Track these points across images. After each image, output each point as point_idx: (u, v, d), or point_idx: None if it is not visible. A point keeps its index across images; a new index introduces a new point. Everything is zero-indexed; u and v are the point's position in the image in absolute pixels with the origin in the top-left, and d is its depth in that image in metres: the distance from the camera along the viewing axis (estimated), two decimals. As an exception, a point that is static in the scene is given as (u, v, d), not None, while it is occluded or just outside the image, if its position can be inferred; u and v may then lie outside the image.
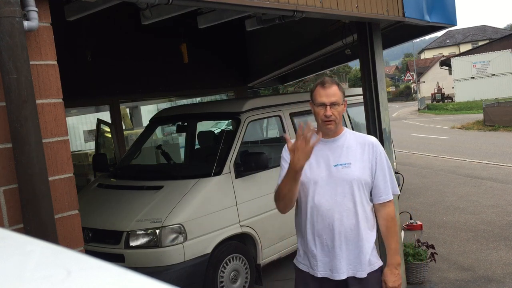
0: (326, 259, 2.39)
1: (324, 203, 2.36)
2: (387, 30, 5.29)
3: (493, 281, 4.63)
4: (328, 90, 2.35)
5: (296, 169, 2.16)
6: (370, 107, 4.40)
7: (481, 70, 37.86)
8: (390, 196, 2.44)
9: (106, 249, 4.10)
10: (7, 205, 1.89)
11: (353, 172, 2.35)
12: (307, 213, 2.41)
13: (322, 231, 2.37)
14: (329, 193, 2.35)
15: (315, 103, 2.38)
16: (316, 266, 2.41)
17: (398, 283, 2.40)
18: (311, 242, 2.41)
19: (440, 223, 6.75)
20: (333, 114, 2.32)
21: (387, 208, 2.44)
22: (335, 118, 2.33)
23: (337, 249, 2.36)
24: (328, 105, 2.32)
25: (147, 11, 3.41)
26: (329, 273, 2.39)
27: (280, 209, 2.41)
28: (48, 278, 0.60)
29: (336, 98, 2.34)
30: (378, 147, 2.43)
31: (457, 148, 14.62)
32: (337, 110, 2.34)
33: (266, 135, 6.71)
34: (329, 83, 2.38)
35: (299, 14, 3.25)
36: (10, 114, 1.84)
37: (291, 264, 2.72)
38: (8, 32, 1.80)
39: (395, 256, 2.43)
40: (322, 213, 2.36)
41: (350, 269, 2.38)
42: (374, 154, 2.40)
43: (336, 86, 2.38)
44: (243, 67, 9.24)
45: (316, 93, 2.38)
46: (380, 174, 2.41)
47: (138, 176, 5.00)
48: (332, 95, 2.34)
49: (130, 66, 7.21)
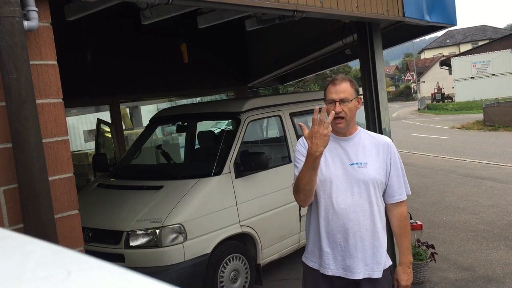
0: (338, 258, 2.38)
1: (340, 202, 2.34)
2: (387, 30, 5.29)
3: (493, 281, 4.63)
4: (338, 86, 2.33)
5: (316, 155, 2.14)
6: (370, 107, 4.40)
7: (481, 70, 37.86)
8: (404, 196, 2.45)
9: (106, 249, 4.10)
10: (7, 205, 1.89)
11: (370, 172, 2.35)
12: (322, 211, 2.39)
13: (337, 230, 2.36)
14: (345, 192, 2.34)
15: (326, 100, 2.37)
16: (328, 265, 2.40)
17: (411, 281, 2.42)
18: (323, 240, 2.40)
19: (440, 223, 6.75)
20: (343, 110, 2.30)
21: (401, 207, 2.45)
22: (344, 115, 2.31)
23: (351, 249, 2.35)
24: (338, 101, 2.30)
25: (147, 11, 3.41)
26: (341, 272, 2.38)
27: (301, 201, 2.36)
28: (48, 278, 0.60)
29: (346, 95, 2.31)
30: (392, 147, 2.44)
31: (457, 148, 14.62)
32: (347, 106, 2.31)
33: (266, 135, 6.70)
34: (340, 80, 2.36)
35: (299, 14, 3.25)
36: (10, 114, 1.84)
37: (291, 264, 2.72)
38: (8, 32, 1.80)
39: (408, 255, 2.44)
40: (338, 212, 2.35)
41: (367, 270, 2.37)
42: (389, 154, 2.41)
43: (347, 83, 2.36)
44: (243, 67, 9.24)
45: (327, 90, 2.37)
46: (394, 174, 2.41)
47: (138, 176, 5.00)
48: (341, 91, 2.32)
49: (130, 66, 7.21)
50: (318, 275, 2.45)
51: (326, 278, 2.43)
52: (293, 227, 4.98)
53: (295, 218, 4.96)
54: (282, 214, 4.77)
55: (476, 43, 52.56)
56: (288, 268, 5.07)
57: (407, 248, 2.44)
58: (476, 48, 42.42)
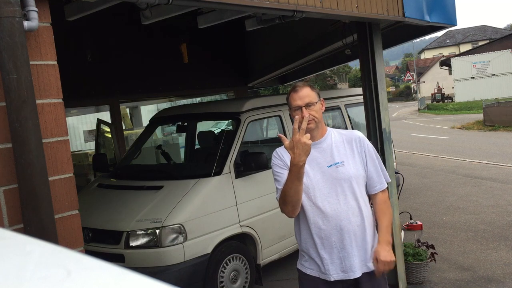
0: (337, 261, 2.39)
1: (327, 205, 2.36)
2: (387, 30, 5.29)
3: (493, 281, 4.63)
4: (301, 93, 2.39)
5: (299, 165, 2.16)
6: (370, 107, 4.40)
7: (481, 70, 37.86)
8: (385, 185, 2.49)
9: (106, 249, 4.10)
10: (7, 205, 1.89)
11: (348, 169, 2.38)
12: (311, 218, 2.40)
13: (330, 233, 2.37)
14: (330, 195, 2.37)
15: (291, 108, 2.43)
16: (328, 270, 2.40)
17: (390, 258, 2.37)
18: (319, 246, 2.41)
19: (440, 223, 6.75)
20: (310, 114, 2.35)
21: (382, 194, 2.50)
22: (313, 117, 2.36)
23: (348, 248, 2.37)
24: (304, 107, 2.36)
25: (147, 11, 3.41)
26: (342, 275, 2.39)
27: (289, 212, 2.38)
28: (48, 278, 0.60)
29: (310, 99, 2.38)
30: (364, 140, 2.48)
31: (457, 148, 14.62)
32: (314, 109, 2.37)
33: (266, 135, 6.70)
34: (300, 86, 2.43)
35: (299, 14, 3.25)
36: (10, 114, 1.84)
37: (291, 264, 2.72)
38: (8, 32, 1.80)
39: (386, 235, 2.43)
40: (328, 215, 2.36)
41: (363, 265, 2.41)
42: (363, 148, 2.44)
43: (308, 88, 2.43)
44: (243, 67, 9.24)
45: (290, 98, 2.43)
46: (371, 165, 2.45)
47: (138, 176, 5.00)
48: (305, 96, 2.38)
49: (130, 66, 7.21)
50: (319, 282, 2.45)
51: (327, 284, 2.43)
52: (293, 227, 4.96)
53: (295, 218, 4.96)
54: (282, 214, 4.75)
55: (476, 43, 52.58)
56: (288, 268, 5.06)
57: (386, 227, 2.44)
58: (476, 48, 42.44)
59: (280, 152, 2.46)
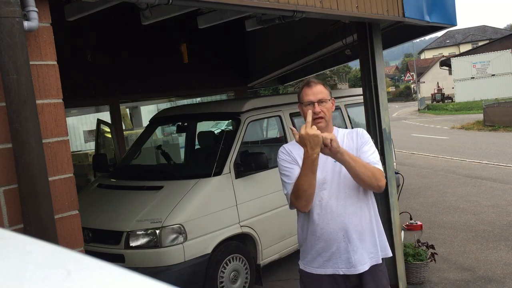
0: (345, 255, 2.39)
1: (334, 202, 2.37)
2: (387, 30, 5.29)
3: (493, 281, 4.63)
4: (314, 88, 2.41)
5: (313, 157, 2.16)
6: (370, 107, 4.40)
7: (481, 70, 37.86)
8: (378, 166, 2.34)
9: (106, 249, 4.10)
10: (7, 205, 1.89)
11: None
12: (317, 214, 2.40)
13: (338, 228, 2.38)
14: (336, 191, 2.38)
15: (303, 102, 2.43)
16: (337, 264, 2.40)
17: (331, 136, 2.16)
18: (325, 243, 2.41)
19: (440, 223, 6.75)
20: (322, 110, 2.37)
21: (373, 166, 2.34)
22: (324, 115, 2.37)
23: (356, 242, 2.37)
24: (316, 102, 2.37)
25: (147, 11, 3.41)
26: (352, 270, 2.39)
27: (302, 207, 2.36)
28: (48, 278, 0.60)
29: (323, 95, 2.40)
30: (364, 134, 2.49)
31: (457, 148, 14.62)
32: (325, 107, 2.39)
33: (266, 135, 6.71)
34: (315, 82, 2.45)
35: (299, 14, 3.25)
36: (10, 114, 1.84)
37: (291, 264, 2.71)
38: (8, 32, 1.80)
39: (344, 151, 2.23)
40: (333, 211, 2.37)
41: (372, 258, 2.42)
42: (362, 139, 2.45)
43: (321, 85, 2.46)
44: (243, 67, 9.24)
45: (303, 93, 2.44)
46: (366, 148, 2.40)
47: (138, 176, 5.00)
48: (318, 92, 2.40)
49: (130, 66, 7.21)
50: (321, 280, 2.44)
51: (331, 282, 2.43)
52: (293, 227, 4.94)
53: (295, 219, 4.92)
54: (282, 214, 4.77)
55: (476, 43, 52.56)
56: (288, 268, 5.06)
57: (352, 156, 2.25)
58: (476, 48, 42.44)
59: (287, 148, 2.48)
